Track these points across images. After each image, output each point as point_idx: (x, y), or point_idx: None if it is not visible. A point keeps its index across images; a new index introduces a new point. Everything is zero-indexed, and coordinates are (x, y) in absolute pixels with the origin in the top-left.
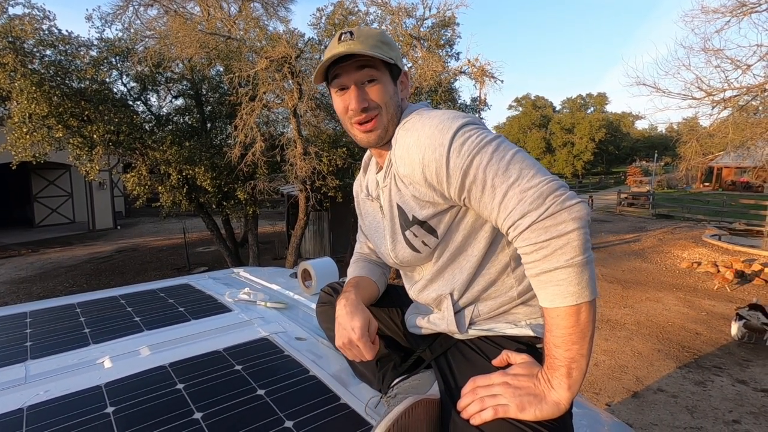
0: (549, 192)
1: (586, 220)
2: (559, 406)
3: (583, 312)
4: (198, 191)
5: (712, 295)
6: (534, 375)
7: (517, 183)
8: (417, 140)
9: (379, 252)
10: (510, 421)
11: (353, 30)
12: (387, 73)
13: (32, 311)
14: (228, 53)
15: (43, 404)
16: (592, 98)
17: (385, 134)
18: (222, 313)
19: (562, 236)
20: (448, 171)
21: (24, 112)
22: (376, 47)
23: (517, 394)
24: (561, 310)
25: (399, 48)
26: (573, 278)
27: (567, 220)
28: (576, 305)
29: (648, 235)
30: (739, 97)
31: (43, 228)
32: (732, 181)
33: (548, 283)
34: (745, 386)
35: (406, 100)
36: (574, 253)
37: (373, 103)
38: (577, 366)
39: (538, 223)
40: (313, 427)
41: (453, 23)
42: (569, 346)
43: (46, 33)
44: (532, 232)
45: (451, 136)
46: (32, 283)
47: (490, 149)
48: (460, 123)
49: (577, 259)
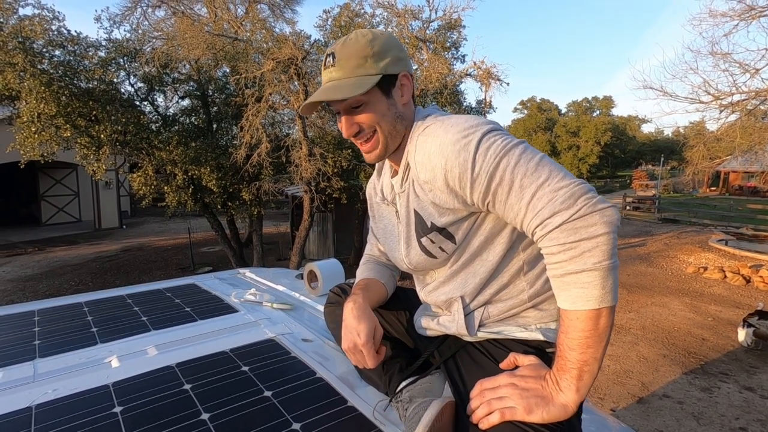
0: (581, 193)
1: (616, 225)
2: (567, 409)
3: (603, 317)
4: (203, 191)
5: (719, 301)
6: (542, 377)
7: (548, 183)
8: (440, 146)
9: (391, 256)
10: (519, 425)
11: (335, 51)
12: (376, 91)
13: (40, 310)
14: (234, 54)
15: (51, 403)
16: (598, 101)
17: (386, 150)
18: (228, 313)
19: (592, 239)
20: (473, 175)
21: (33, 111)
22: (358, 68)
23: (524, 396)
24: (582, 313)
25: (397, 47)
26: (598, 282)
27: (598, 223)
28: (597, 309)
29: (654, 239)
30: (747, 101)
31: (49, 226)
32: (739, 186)
33: (573, 284)
34: (752, 393)
35: (410, 104)
36: (602, 257)
37: (363, 126)
38: (588, 369)
39: (569, 223)
40: (321, 430)
41: (459, 26)
42: (584, 350)
43: (55, 33)
44: (561, 231)
45: (477, 141)
46: (39, 281)
47: (517, 152)
48: (485, 129)
49: (604, 264)
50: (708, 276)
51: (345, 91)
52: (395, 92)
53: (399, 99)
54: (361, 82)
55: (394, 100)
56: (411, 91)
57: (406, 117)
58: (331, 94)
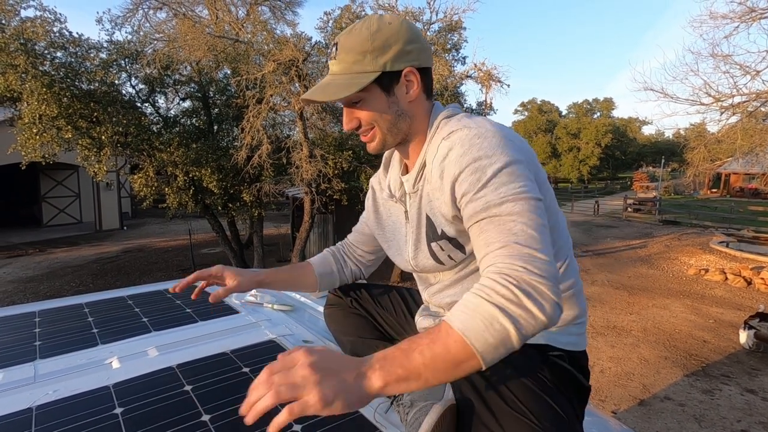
0: (550, 274)
1: (552, 322)
2: (364, 401)
3: (469, 363)
4: (204, 193)
5: (720, 303)
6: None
7: (529, 247)
8: (459, 157)
9: (392, 255)
10: (524, 421)
11: (339, 41)
12: (375, 88)
13: (41, 311)
14: (235, 56)
15: (52, 404)
16: (599, 103)
17: (384, 145)
18: (229, 314)
19: (533, 308)
20: (475, 196)
21: (34, 113)
22: (356, 64)
23: (324, 380)
24: (462, 341)
25: (405, 39)
26: (502, 336)
27: (547, 306)
28: (478, 353)
29: (654, 241)
30: (748, 103)
31: (50, 228)
32: (740, 188)
33: (481, 313)
34: (754, 395)
35: (421, 100)
36: (524, 326)
37: (363, 121)
38: (409, 383)
39: (524, 282)
40: (323, 431)
41: (460, 27)
42: (430, 365)
43: (57, 35)
44: (514, 275)
45: (496, 170)
46: (39, 282)
47: (525, 207)
48: (509, 159)
49: (518, 332)
50: (709, 278)
51: (336, 91)
52: (398, 89)
53: (403, 96)
54: (354, 81)
55: (396, 97)
56: (420, 87)
57: (411, 114)
58: (320, 94)
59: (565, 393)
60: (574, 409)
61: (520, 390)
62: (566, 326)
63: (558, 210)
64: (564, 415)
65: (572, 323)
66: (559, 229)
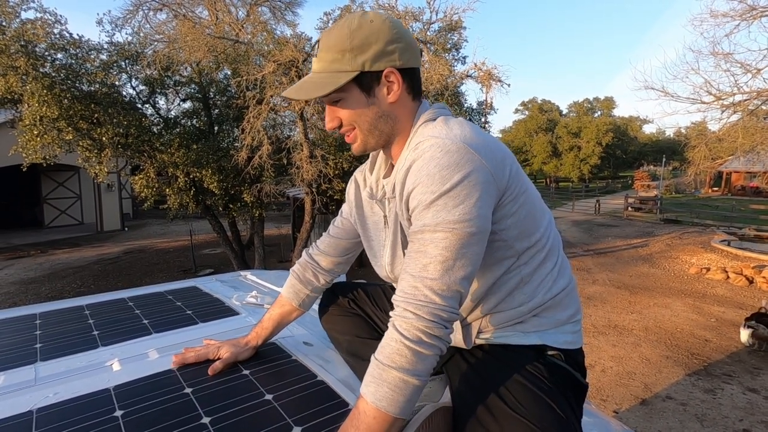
0: (441, 316)
1: (446, 346)
2: None
3: (395, 426)
4: (205, 194)
5: (722, 302)
6: None
7: (431, 287)
8: (418, 171)
9: (369, 256)
10: (530, 424)
11: (321, 38)
12: (353, 88)
13: (42, 313)
14: (236, 57)
15: (52, 407)
16: (600, 102)
17: (365, 146)
18: (230, 316)
19: (427, 352)
20: (419, 214)
21: (35, 114)
22: (334, 62)
23: None
24: (380, 412)
25: (386, 39)
26: (410, 390)
27: (438, 342)
28: (397, 414)
29: (656, 240)
30: (749, 102)
31: (51, 229)
32: (741, 186)
33: (386, 380)
34: (755, 395)
35: (405, 101)
36: (425, 370)
37: (343, 121)
38: None
39: (416, 331)
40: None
41: (460, 27)
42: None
43: (57, 37)
44: (404, 326)
45: (445, 190)
46: (41, 283)
47: (453, 240)
48: (463, 176)
49: (421, 379)
50: (710, 277)
51: (312, 89)
52: (379, 90)
53: (384, 97)
54: (330, 80)
55: (377, 98)
56: (403, 88)
57: (394, 116)
58: (297, 92)
59: (563, 392)
60: (572, 407)
61: (519, 390)
62: (562, 325)
63: (543, 207)
64: (563, 414)
65: (568, 322)
66: (544, 226)
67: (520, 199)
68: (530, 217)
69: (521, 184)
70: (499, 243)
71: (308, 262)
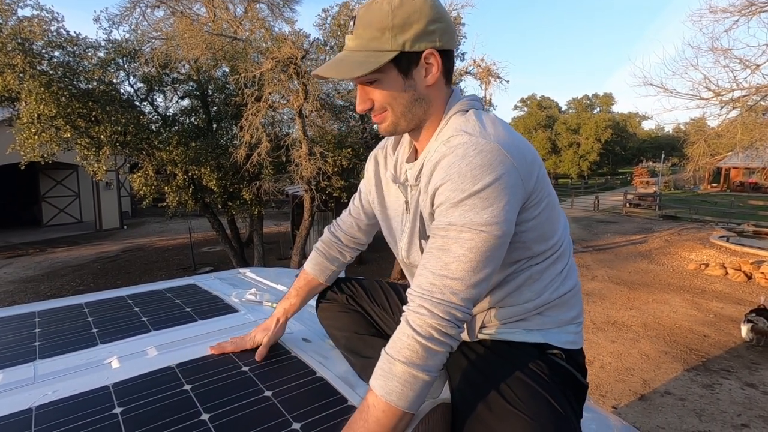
0: (456, 316)
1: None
2: None
3: (403, 421)
4: (204, 191)
5: (720, 297)
6: None
7: (450, 286)
8: (447, 167)
9: (386, 235)
10: (530, 421)
11: (358, 14)
12: (391, 69)
13: (41, 311)
14: (234, 54)
15: (51, 404)
16: (599, 98)
17: (396, 128)
18: (229, 313)
19: (439, 349)
20: (446, 211)
21: (32, 112)
22: (373, 41)
23: None
24: (389, 406)
25: (429, 17)
26: (420, 385)
27: (449, 341)
28: (406, 409)
29: (655, 236)
30: (748, 97)
31: (50, 228)
32: (740, 182)
33: (395, 374)
34: (754, 390)
35: (440, 85)
36: (435, 366)
37: (376, 103)
38: None
39: (429, 328)
40: (321, 429)
41: (458, 23)
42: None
43: (54, 34)
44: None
45: (475, 191)
46: (40, 282)
47: (478, 242)
48: (494, 178)
49: (431, 374)
50: (709, 273)
51: (350, 68)
52: (416, 72)
53: (421, 80)
54: (369, 59)
55: (414, 80)
56: (440, 71)
57: (429, 100)
58: (333, 71)
59: (564, 391)
60: (572, 406)
61: (519, 387)
62: (566, 325)
63: (560, 211)
64: (562, 413)
65: (571, 323)
66: (561, 230)
67: (542, 204)
68: (549, 222)
69: (545, 189)
70: (518, 244)
71: (332, 240)
